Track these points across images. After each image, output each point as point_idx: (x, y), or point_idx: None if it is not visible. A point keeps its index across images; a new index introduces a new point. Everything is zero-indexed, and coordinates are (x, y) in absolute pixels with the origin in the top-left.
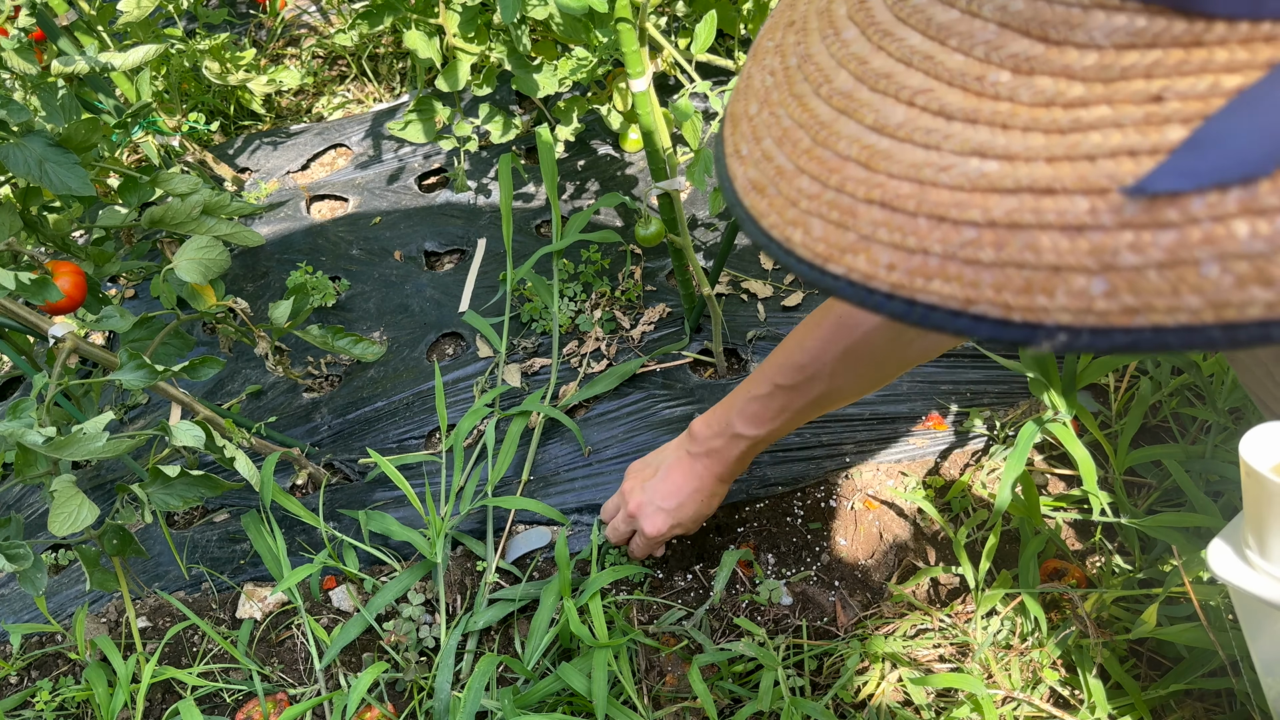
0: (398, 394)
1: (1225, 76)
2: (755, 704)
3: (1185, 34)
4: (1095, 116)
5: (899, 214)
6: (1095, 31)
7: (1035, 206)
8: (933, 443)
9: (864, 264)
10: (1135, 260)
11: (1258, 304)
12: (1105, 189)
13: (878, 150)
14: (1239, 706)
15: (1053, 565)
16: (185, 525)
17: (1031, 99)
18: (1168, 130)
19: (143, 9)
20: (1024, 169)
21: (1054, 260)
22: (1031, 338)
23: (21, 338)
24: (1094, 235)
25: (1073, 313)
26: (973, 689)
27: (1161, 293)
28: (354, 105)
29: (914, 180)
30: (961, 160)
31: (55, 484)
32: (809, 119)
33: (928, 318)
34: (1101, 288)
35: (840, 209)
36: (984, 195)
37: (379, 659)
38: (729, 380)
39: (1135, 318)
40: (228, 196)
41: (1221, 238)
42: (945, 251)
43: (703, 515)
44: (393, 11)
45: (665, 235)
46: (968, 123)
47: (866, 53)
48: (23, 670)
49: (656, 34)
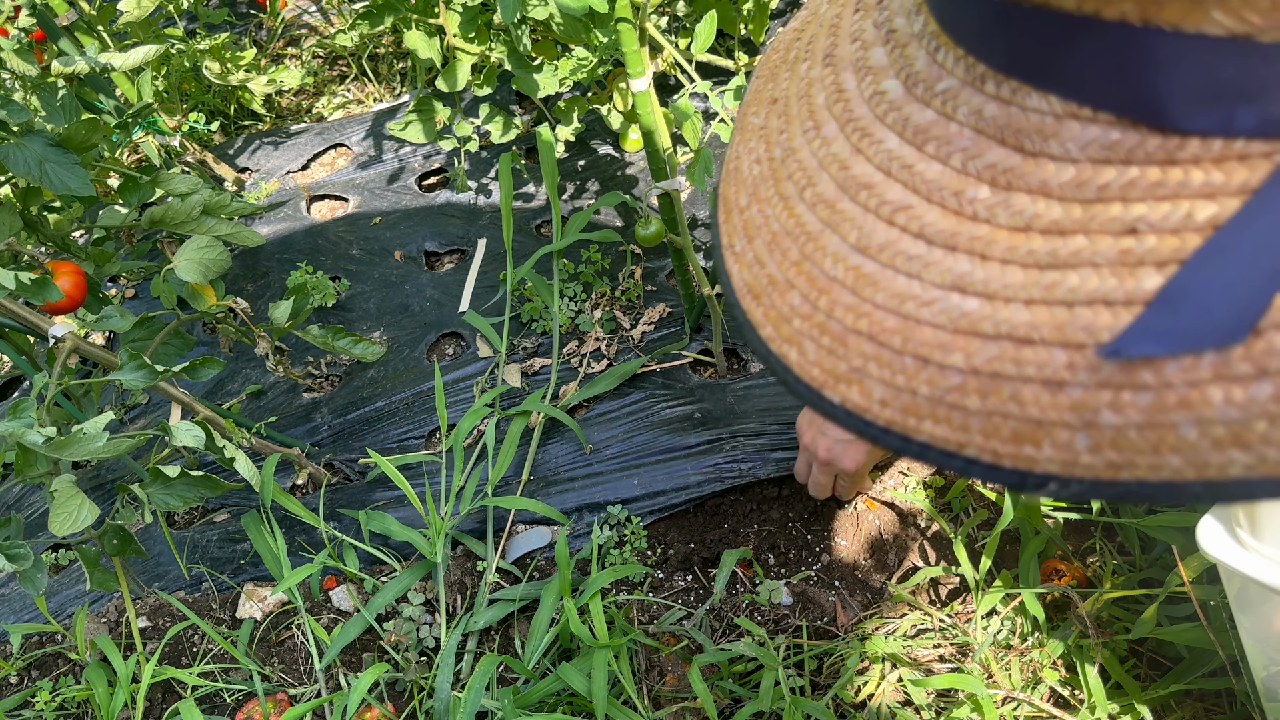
0: (398, 394)
1: (1199, 204)
2: (755, 704)
3: (1159, 150)
4: (1071, 250)
5: (886, 349)
6: (1070, 143)
7: (1016, 356)
8: None
9: (858, 396)
10: (1115, 420)
11: (1237, 465)
12: (1083, 344)
13: (863, 274)
14: (1239, 706)
15: (1053, 565)
16: (185, 525)
17: (1009, 222)
18: (1142, 276)
19: (143, 9)
20: (1004, 311)
21: (1037, 414)
22: (1023, 484)
23: (21, 338)
24: (1074, 392)
25: (1060, 464)
26: (973, 689)
27: (1143, 451)
28: (354, 105)
29: (898, 314)
30: (943, 295)
31: (55, 484)
32: (796, 227)
33: (924, 455)
34: (1086, 443)
35: (831, 335)
36: (966, 338)
37: (379, 659)
38: (729, 380)
39: (1121, 472)
40: (228, 196)
41: (1197, 403)
42: (933, 394)
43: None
44: (393, 11)
45: (665, 235)
46: (948, 249)
47: (847, 155)
48: (23, 670)
49: (656, 34)
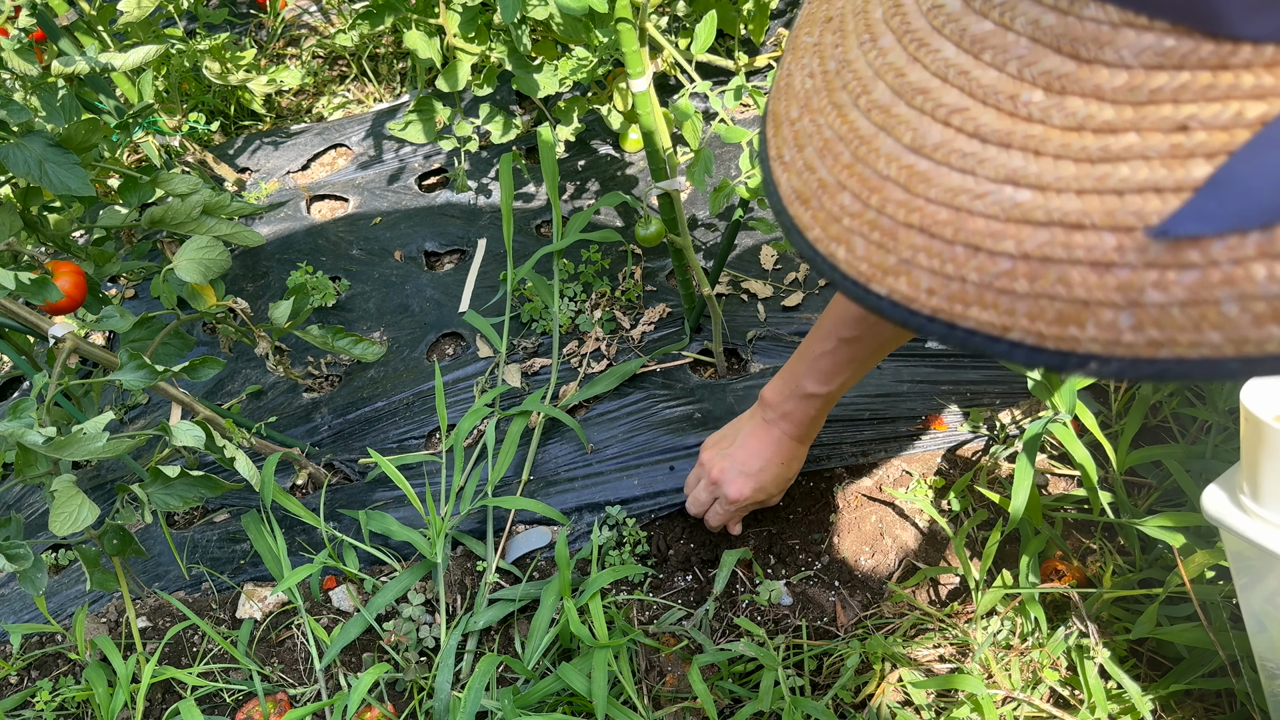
0: (398, 394)
1: (1249, 104)
2: (755, 704)
3: (1212, 56)
4: (1123, 146)
5: (937, 240)
6: (1124, 50)
7: (1066, 241)
8: (933, 443)
9: (905, 287)
10: (1160, 298)
11: (1275, 340)
12: (1132, 227)
13: (916, 172)
14: (1239, 706)
15: (1053, 565)
16: (185, 525)
17: (1063, 122)
18: (1192, 166)
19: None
20: (1055, 201)
21: (1084, 295)
22: (1064, 364)
23: (21, 338)
24: (1121, 272)
25: (1102, 344)
26: (973, 689)
27: (1185, 329)
28: (354, 105)
29: (951, 206)
30: (996, 188)
31: (55, 484)
32: (849, 132)
33: (968, 340)
34: (1129, 321)
35: (881, 230)
36: (1017, 226)
37: (379, 659)
38: (729, 380)
39: (1161, 350)
40: (228, 196)
41: (1240, 279)
42: (982, 280)
43: (784, 480)
44: (393, 11)
45: (665, 235)
46: (1002, 147)
47: (903, 64)
48: (23, 670)
49: (656, 34)
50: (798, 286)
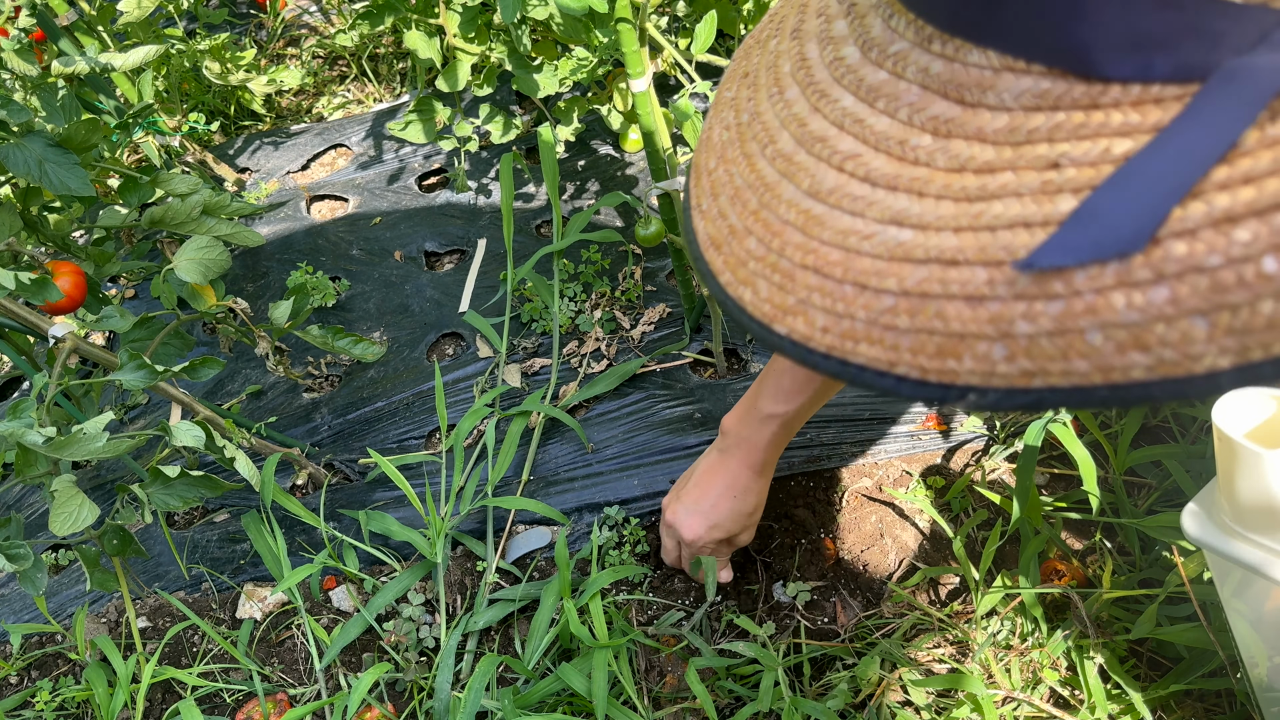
0: (398, 394)
1: (1116, 141)
2: (755, 704)
3: (1084, 96)
4: (999, 184)
5: (829, 280)
6: (1005, 93)
7: (942, 277)
8: (933, 443)
9: (802, 326)
10: (1029, 329)
11: (1138, 367)
12: (1001, 261)
13: (812, 215)
14: (1239, 706)
15: (1053, 565)
16: (185, 525)
17: (946, 164)
18: (1059, 201)
19: (143, 9)
20: (934, 239)
21: (959, 328)
22: (946, 396)
23: (21, 338)
24: (992, 305)
25: (980, 375)
26: (973, 689)
27: (1054, 358)
28: (354, 105)
29: (841, 248)
30: (882, 229)
31: (55, 484)
32: (756, 180)
33: (859, 377)
34: (1002, 353)
35: (781, 272)
36: (899, 265)
37: (379, 659)
38: (729, 380)
39: (1034, 380)
40: (228, 197)
41: (1102, 308)
42: (869, 317)
43: (740, 514)
44: (393, 11)
45: (665, 235)
46: (889, 190)
47: (805, 114)
48: (23, 670)
49: (656, 34)
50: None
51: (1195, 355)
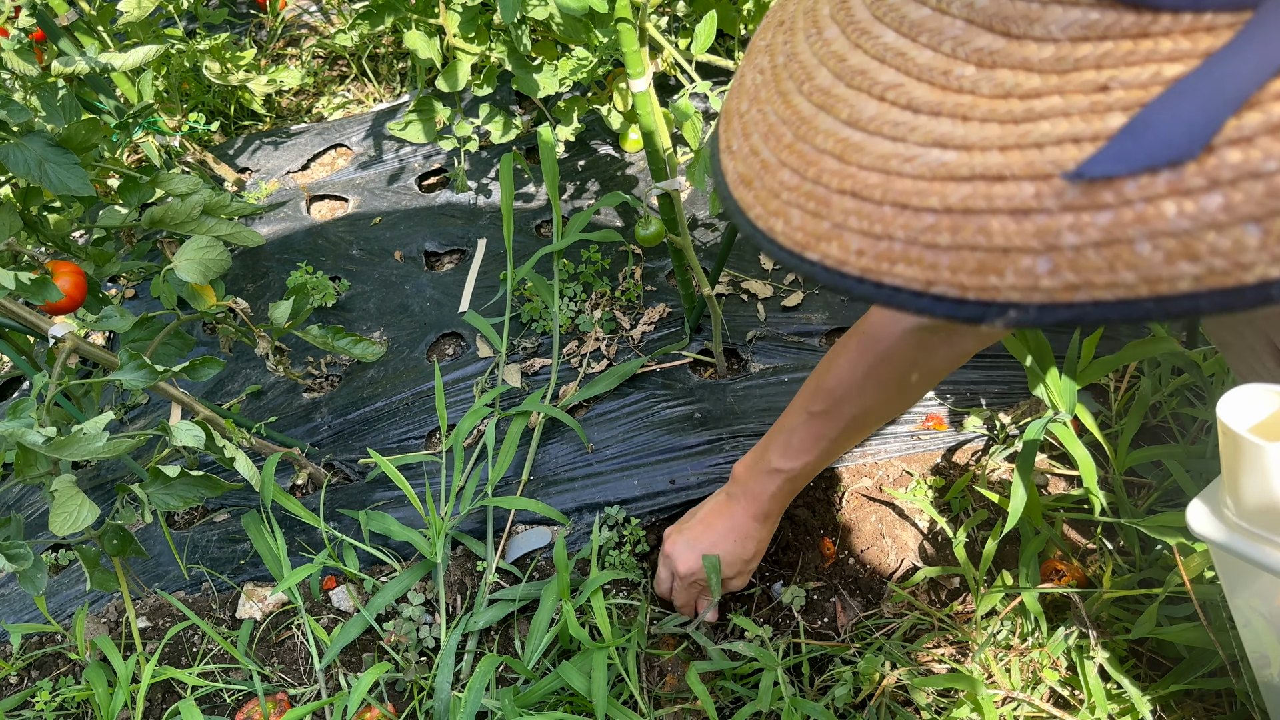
0: (398, 394)
1: (1167, 66)
2: (755, 704)
3: (1134, 26)
4: (1046, 106)
5: (867, 203)
6: (1052, 25)
7: (987, 193)
8: (933, 443)
9: (836, 250)
10: (1075, 240)
11: (1186, 277)
12: (1049, 174)
13: (850, 143)
14: (1239, 706)
15: (1053, 565)
16: (185, 525)
17: (991, 91)
18: (1109, 117)
19: (143, 9)
20: (979, 158)
21: (1003, 242)
22: (984, 314)
23: (21, 338)
24: (1039, 218)
25: (1021, 290)
26: (973, 689)
27: (1100, 269)
28: (354, 105)
29: (881, 171)
30: (924, 151)
31: (55, 484)
32: (791, 115)
33: (894, 298)
34: (1046, 267)
35: (816, 199)
36: (942, 183)
37: (379, 659)
38: (729, 380)
39: (1077, 293)
40: (228, 197)
41: (1152, 217)
42: (907, 237)
43: (740, 557)
44: (393, 11)
45: (665, 235)
46: (932, 115)
47: (845, 50)
48: (23, 670)
49: (656, 34)
50: (798, 286)
51: (1246, 264)
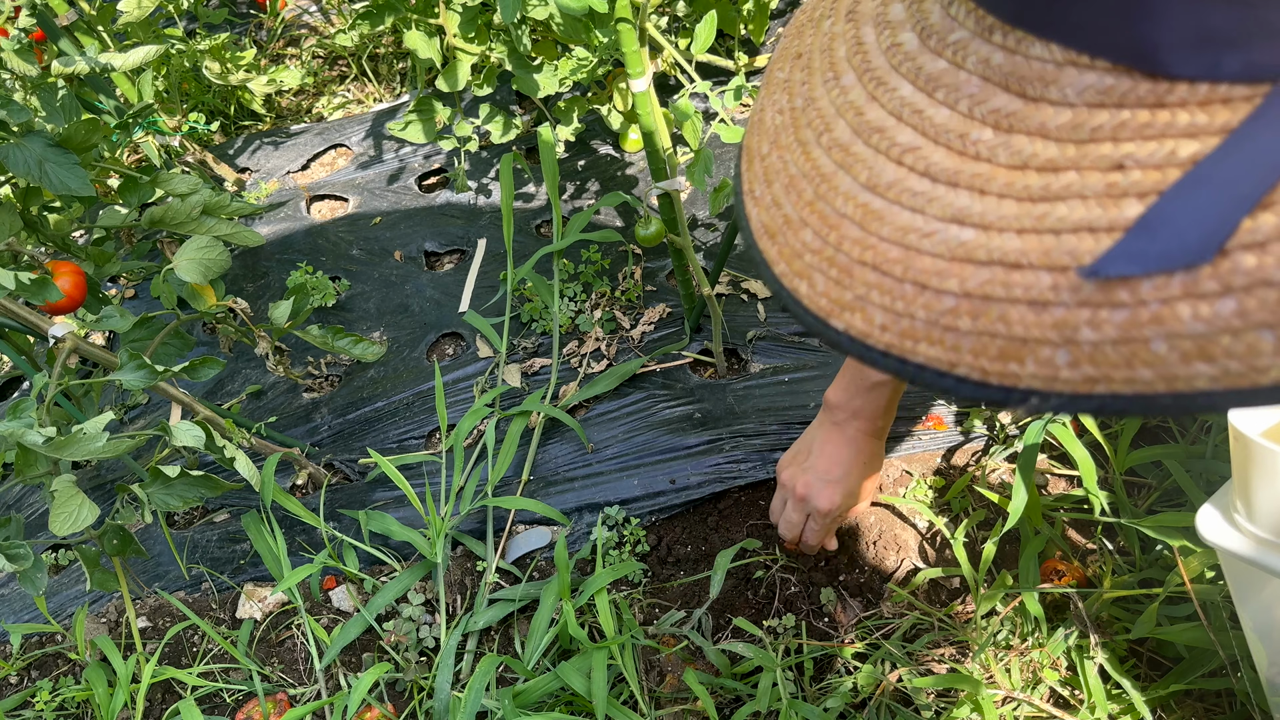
0: (398, 394)
1: (1183, 143)
2: (754, 704)
3: (1149, 94)
4: (1062, 184)
5: (888, 278)
6: (1068, 88)
7: (1005, 280)
8: (933, 443)
9: (860, 323)
10: (1093, 336)
11: (1202, 377)
12: (1066, 266)
13: (871, 210)
14: (1239, 706)
15: (1053, 565)
16: (185, 525)
17: (1009, 160)
18: (1125, 206)
19: (143, 9)
20: (997, 240)
21: (1023, 333)
22: (1007, 399)
23: (21, 338)
24: (1056, 311)
25: (1042, 380)
26: (973, 689)
27: (1118, 366)
28: (354, 105)
29: (901, 245)
30: (943, 227)
31: (55, 484)
32: (811, 170)
33: (919, 376)
34: (1066, 359)
35: (839, 267)
36: (961, 265)
37: (379, 659)
38: (729, 380)
39: (1097, 386)
40: (228, 197)
41: (1167, 318)
42: (929, 318)
43: (871, 481)
44: (393, 11)
45: (665, 235)
46: (950, 186)
47: (862, 102)
48: (23, 670)
49: (656, 34)
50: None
51: (1261, 368)
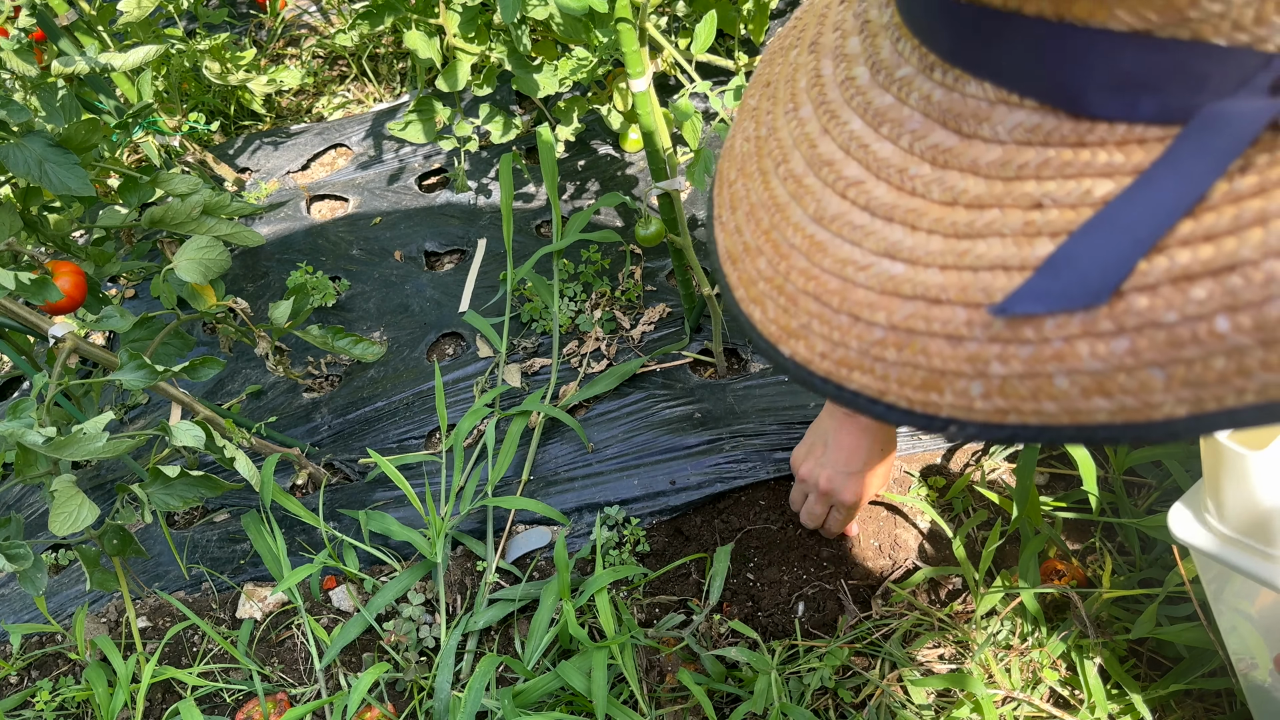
0: (398, 394)
1: (1099, 182)
2: (750, 704)
3: (1072, 133)
4: (985, 222)
5: (827, 309)
6: (999, 126)
7: (926, 314)
8: (933, 443)
9: (804, 350)
10: (1002, 370)
11: (1102, 411)
12: (980, 303)
13: (816, 241)
14: (1239, 706)
15: (1053, 565)
16: (185, 525)
17: (940, 196)
18: (1037, 244)
19: (143, 9)
20: (922, 275)
21: (940, 365)
22: (930, 426)
23: (21, 338)
24: (970, 345)
25: (960, 409)
26: (973, 689)
27: (1025, 398)
28: (354, 105)
29: (840, 277)
30: (876, 260)
31: (55, 484)
32: (769, 199)
33: (854, 402)
34: (979, 390)
35: (787, 295)
36: (889, 299)
37: (379, 659)
38: (729, 380)
39: (1008, 417)
40: (228, 196)
41: (1068, 355)
42: (860, 348)
43: (889, 467)
44: (393, 11)
45: (665, 235)
46: (886, 220)
47: (816, 135)
48: (23, 670)
49: (656, 34)
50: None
51: (1154, 404)
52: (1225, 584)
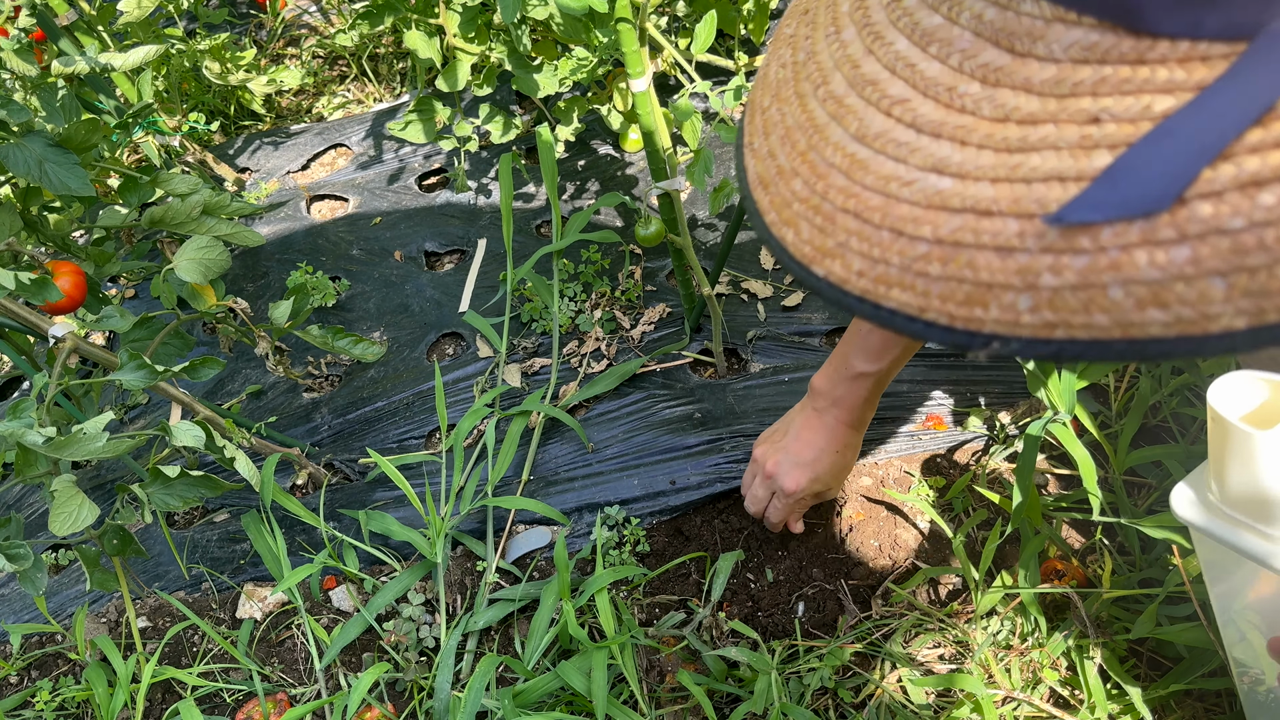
0: (398, 394)
1: (1158, 98)
2: (750, 704)
3: (1131, 51)
4: (1039, 136)
5: (868, 225)
6: (1054, 44)
7: (975, 227)
8: (933, 443)
9: (839, 269)
10: (1054, 282)
11: (1156, 324)
12: (1033, 214)
13: (857, 160)
14: (1239, 706)
15: (1053, 565)
16: (185, 525)
17: (991, 113)
18: (1095, 156)
19: (143, 9)
20: (971, 188)
21: (988, 278)
22: (971, 343)
23: (21, 338)
24: (1020, 257)
25: (1004, 324)
26: (973, 689)
27: (1076, 311)
28: (354, 105)
29: (882, 193)
30: (922, 176)
31: (55, 484)
32: (806, 121)
33: (890, 321)
34: (1027, 304)
35: (823, 215)
36: (936, 213)
37: (379, 659)
38: (729, 380)
39: (1055, 331)
40: (228, 196)
41: (1125, 265)
42: (902, 264)
43: (840, 469)
44: (393, 11)
45: (665, 235)
46: (933, 137)
47: (859, 56)
48: (23, 670)
49: (656, 34)
50: (798, 286)
51: (1212, 315)
52: (1225, 570)
